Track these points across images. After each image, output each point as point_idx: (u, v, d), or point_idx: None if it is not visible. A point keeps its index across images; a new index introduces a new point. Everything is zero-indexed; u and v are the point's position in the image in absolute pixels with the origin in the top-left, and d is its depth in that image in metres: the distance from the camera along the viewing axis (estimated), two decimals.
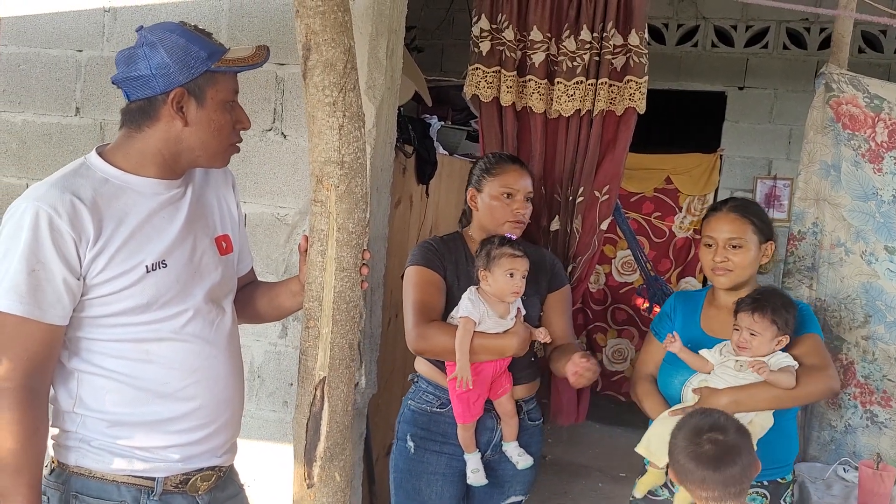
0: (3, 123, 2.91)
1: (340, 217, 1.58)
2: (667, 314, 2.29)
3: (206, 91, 1.55)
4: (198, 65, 1.53)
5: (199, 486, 1.64)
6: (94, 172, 1.55)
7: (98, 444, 1.55)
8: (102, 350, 1.54)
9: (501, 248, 2.09)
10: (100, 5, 2.76)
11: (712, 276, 2.16)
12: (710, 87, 5.83)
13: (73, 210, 1.46)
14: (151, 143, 1.58)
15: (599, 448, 4.98)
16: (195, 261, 1.63)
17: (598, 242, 2.69)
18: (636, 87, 2.56)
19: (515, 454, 2.22)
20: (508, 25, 2.59)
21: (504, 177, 2.26)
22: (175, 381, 1.58)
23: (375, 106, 2.51)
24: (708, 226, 2.17)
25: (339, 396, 1.65)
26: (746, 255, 2.11)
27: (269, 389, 2.70)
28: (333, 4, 1.51)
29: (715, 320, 2.19)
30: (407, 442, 2.27)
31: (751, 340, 1.99)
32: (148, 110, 1.57)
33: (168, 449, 1.59)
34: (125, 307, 1.52)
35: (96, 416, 1.54)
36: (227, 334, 1.70)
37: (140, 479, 1.57)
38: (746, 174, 5.79)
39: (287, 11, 2.56)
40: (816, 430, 2.84)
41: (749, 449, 1.69)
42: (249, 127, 1.63)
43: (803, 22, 5.61)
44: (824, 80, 2.77)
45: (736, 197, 2.29)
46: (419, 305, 2.16)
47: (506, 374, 2.17)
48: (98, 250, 1.48)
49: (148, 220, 1.56)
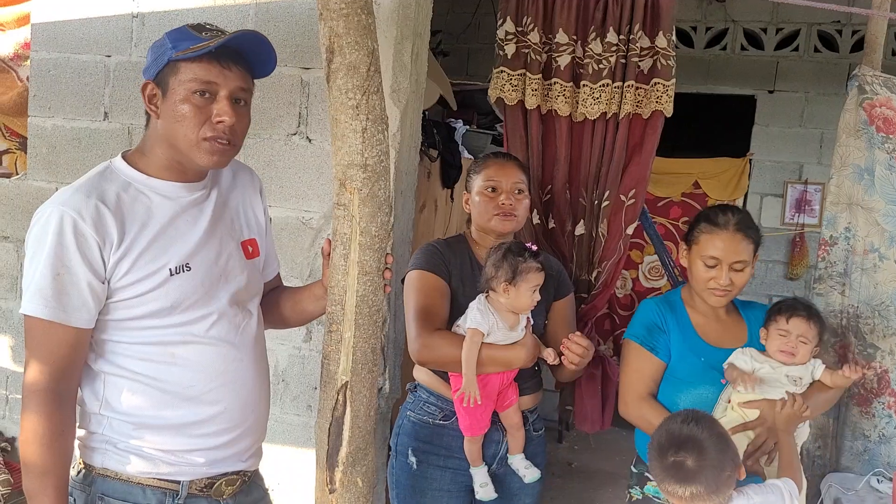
0: (34, 128, 2.96)
1: (363, 221, 1.57)
2: (657, 326, 2.11)
3: (168, 81, 1.52)
4: (163, 56, 1.52)
5: (224, 490, 1.64)
6: (118, 176, 1.56)
7: (123, 446, 1.55)
8: (128, 353, 1.54)
9: (528, 262, 1.97)
10: (128, 11, 2.79)
11: (709, 294, 2.05)
12: (739, 90, 5.75)
13: (98, 214, 1.47)
14: (152, 141, 1.58)
15: (627, 455, 4.91)
16: (220, 264, 1.62)
17: (624, 247, 2.65)
18: (663, 90, 2.53)
19: (522, 467, 2.15)
20: (534, 28, 2.57)
21: (486, 171, 2.19)
22: (200, 385, 1.57)
23: (400, 110, 2.50)
24: (711, 244, 2.02)
25: (361, 401, 1.64)
26: (747, 275, 2.04)
27: (294, 393, 2.70)
28: (357, 7, 1.50)
29: (707, 328, 2.10)
30: (409, 457, 2.18)
31: (799, 348, 1.94)
32: (146, 109, 1.59)
33: (193, 452, 1.58)
34: (150, 310, 1.52)
35: (122, 418, 1.55)
36: (253, 338, 1.70)
37: (165, 482, 1.56)
38: (776, 179, 5.70)
39: (312, 16, 2.56)
40: (849, 440, 2.78)
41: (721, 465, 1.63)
42: (230, 122, 1.53)
43: (835, 24, 5.52)
44: (857, 82, 2.72)
45: (731, 208, 2.10)
46: (422, 313, 2.06)
47: (512, 386, 2.09)
48: (122, 254, 1.49)
49: (171, 223, 1.56)
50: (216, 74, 1.51)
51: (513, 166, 2.21)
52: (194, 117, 1.51)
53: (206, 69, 1.51)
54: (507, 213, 2.14)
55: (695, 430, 1.66)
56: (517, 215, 2.17)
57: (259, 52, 1.59)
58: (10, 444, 3.08)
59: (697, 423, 1.68)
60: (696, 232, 2.08)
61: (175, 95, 1.51)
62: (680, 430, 1.67)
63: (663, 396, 2.07)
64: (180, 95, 1.51)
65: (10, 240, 3.04)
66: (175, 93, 1.51)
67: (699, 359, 2.04)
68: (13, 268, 3.02)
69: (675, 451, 1.64)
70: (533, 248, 2.02)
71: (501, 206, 2.14)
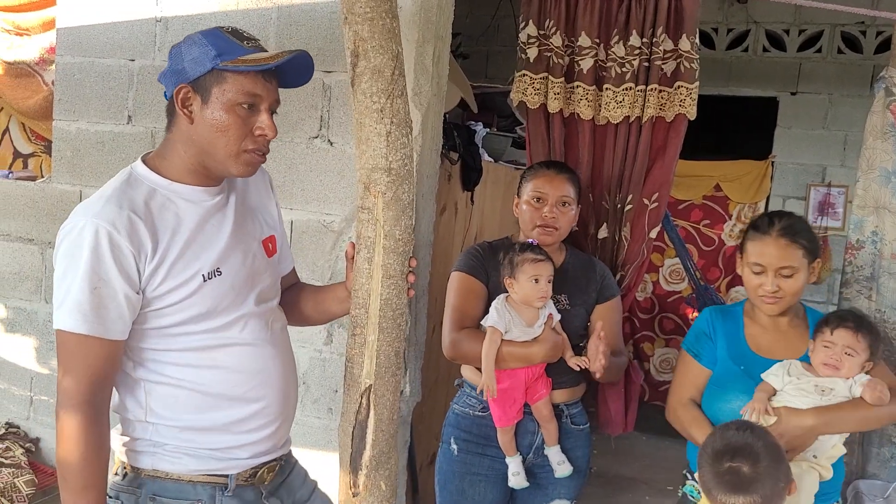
0: (59, 132, 2.99)
1: (387, 224, 1.58)
2: (706, 333, 2.12)
3: (210, 89, 1.50)
4: (205, 62, 1.49)
5: (266, 477, 1.68)
6: (142, 183, 1.56)
7: (172, 447, 1.57)
8: (169, 360, 1.55)
9: (523, 254, 2.10)
10: (152, 15, 2.81)
11: (760, 302, 2.02)
12: (761, 92, 5.70)
13: (131, 225, 1.46)
14: (177, 145, 1.57)
15: (646, 460, 4.89)
16: (247, 266, 1.64)
17: (647, 251, 2.63)
18: (686, 93, 2.51)
19: (556, 461, 2.21)
20: (556, 31, 2.55)
21: (535, 181, 2.27)
22: (242, 385, 1.60)
23: (421, 113, 2.50)
24: (755, 250, 2.01)
25: (385, 405, 1.64)
26: (798, 282, 1.98)
27: (314, 396, 2.70)
28: (382, 10, 1.50)
29: (762, 338, 2.06)
30: (451, 444, 2.30)
31: (844, 360, 1.87)
32: (170, 109, 1.57)
33: (239, 448, 1.62)
34: (186, 317, 1.53)
35: (168, 423, 1.57)
36: (280, 331, 1.73)
37: (214, 476, 1.60)
38: (799, 181, 5.64)
39: (333, 20, 2.57)
40: (876, 447, 2.74)
41: (776, 476, 1.60)
42: (272, 136, 1.56)
43: (858, 25, 5.46)
44: (884, 83, 2.68)
45: (781, 213, 2.08)
46: (456, 313, 2.20)
47: (543, 379, 2.17)
48: (157, 263, 1.49)
49: (199, 229, 1.57)
50: (261, 88, 1.52)
51: (563, 179, 2.27)
52: (238, 129, 1.52)
53: (253, 83, 1.51)
54: (548, 226, 2.22)
55: (750, 439, 1.64)
56: (559, 228, 2.24)
57: (300, 71, 1.60)
58: (34, 445, 3.11)
59: (753, 432, 1.66)
60: (745, 239, 2.07)
61: (218, 105, 1.50)
62: (735, 437, 1.65)
63: (704, 403, 2.06)
64: (225, 106, 1.50)
65: (34, 242, 3.07)
66: (218, 102, 1.50)
67: (738, 367, 2.02)
68: (38, 270, 3.05)
69: (731, 458, 1.61)
70: (533, 242, 2.15)
71: (544, 217, 2.22)
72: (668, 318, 5.56)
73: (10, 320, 3.14)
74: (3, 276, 3.12)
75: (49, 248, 3.03)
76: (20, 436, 3.11)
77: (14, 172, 3.37)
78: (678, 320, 5.51)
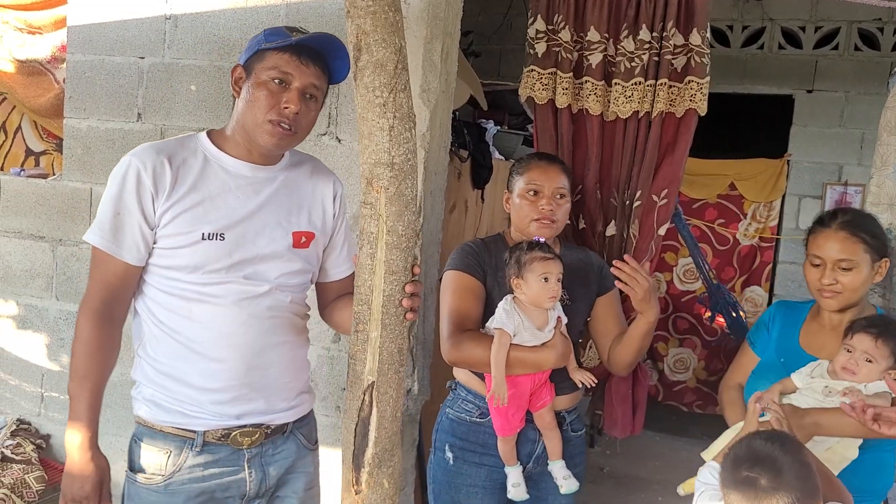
0: (70, 129, 3.00)
1: (390, 220, 1.56)
2: (764, 324, 2.13)
3: (254, 67, 1.71)
4: (254, 47, 1.72)
5: (242, 441, 1.75)
6: (195, 145, 1.76)
7: (149, 394, 1.74)
8: (161, 301, 1.71)
9: (531, 252, 1.98)
10: (161, 13, 2.82)
11: (819, 297, 1.99)
12: (776, 90, 5.64)
13: (160, 167, 1.66)
14: (231, 121, 1.78)
15: (660, 461, 4.85)
16: (259, 244, 1.73)
17: (656, 248, 2.60)
18: (697, 88, 2.48)
19: (560, 476, 2.11)
20: (565, 26, 2.53)
21: (529, 174, 2.17)
22: (207, 342, 1.71)
23: (430, 109, 2.49)
24: (815, 243, 1.98)
25: (387, 402, 1.63)
26: (858, 277, 1.93)
27: (322, 394, 2.70)
28: (384, 4, 1.49)
29: (816, 337, 2.03)
30: (445, 452, 2.18)
31: (862, 366, 1.82)
32: (232, 92, 1.81)
33: (204, 405, 1.72)
34: (178, 264, 1.68)
35: (148, 361, 1.74)
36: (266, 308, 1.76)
37: (183, 430, 1.72)
38: (815, 180, 5.57)
39: (342, 16, 2.56)
40: None
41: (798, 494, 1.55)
42: (294, 109, 1.69)
43: (876, 22, 5.39)
44: None
45: (846, 209, 2.05)
46: (455, 314, 2.06)
47: (546, 386, 2.07)
48: (167, 207, 1.67)
49: (220, 194, 1.71)
50: (294, 67, 1.69)
51: (557, 170, 2.19)
52: (266, 100, 1.69)
53: (286, 60, 1.69)
54: (546, 219, 2.13)
55: (776, 451, 1.56)
56: (557, 221, 2.15)
57: (335, 56, 1.74)
58: (45, 441, 3.13)
59: (782, 445, 1.57)
60: (808, 234, 2.04)
61: (255, 79, 1.70)
62: (761, 447, 1.58)
63: (747, 390, 2.08)
64: (260, 80, 1.69)
65: (45, 239, 3.08)
66: (256, 77, 1.70)
67: (779, 359, 2.00)
68: (48, 267, 3.07)
69: (750, 467, 1.55)
70: (540, 240, 2.03)
71: (542, 210, 2.13)
72: (682, 317, 5.52)
73: (21, 317, 3.15)
74: (15, 273, 3.13)
75: (60, 245, 3.05)
76: (31, 432, 3.13)
77: (26, 170, 3.39)
78: (692, 320, 5.46)
